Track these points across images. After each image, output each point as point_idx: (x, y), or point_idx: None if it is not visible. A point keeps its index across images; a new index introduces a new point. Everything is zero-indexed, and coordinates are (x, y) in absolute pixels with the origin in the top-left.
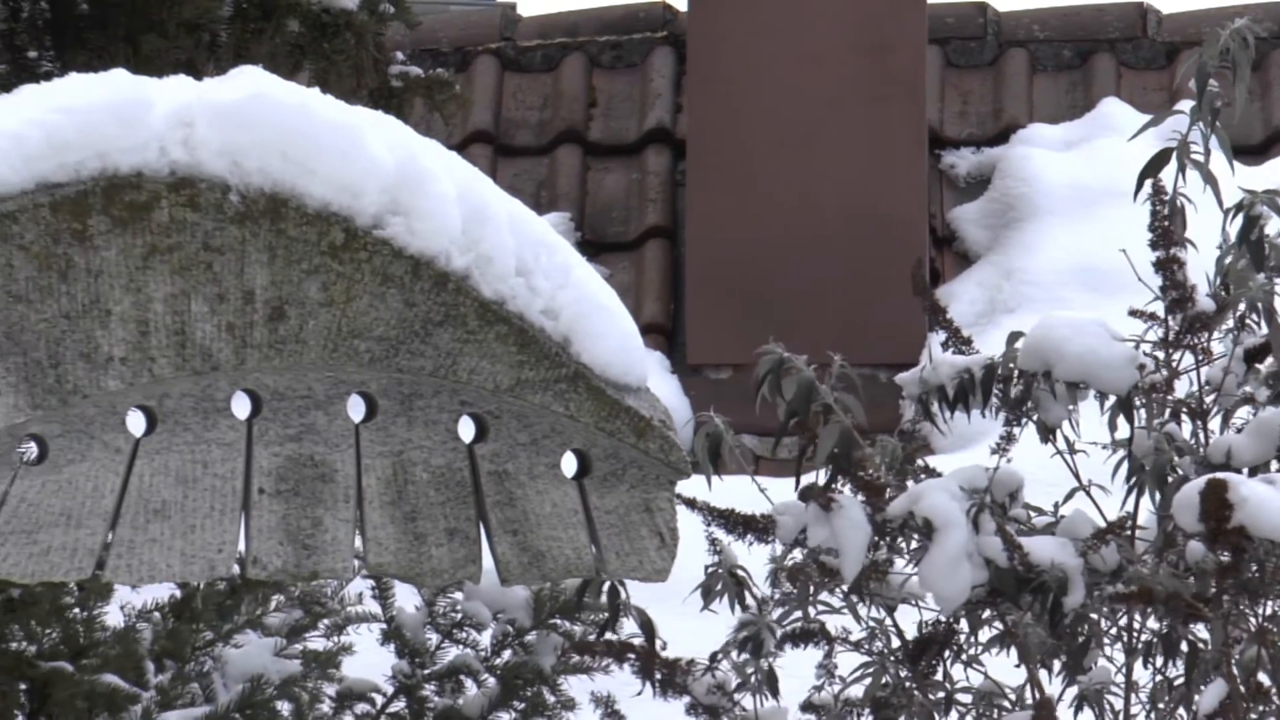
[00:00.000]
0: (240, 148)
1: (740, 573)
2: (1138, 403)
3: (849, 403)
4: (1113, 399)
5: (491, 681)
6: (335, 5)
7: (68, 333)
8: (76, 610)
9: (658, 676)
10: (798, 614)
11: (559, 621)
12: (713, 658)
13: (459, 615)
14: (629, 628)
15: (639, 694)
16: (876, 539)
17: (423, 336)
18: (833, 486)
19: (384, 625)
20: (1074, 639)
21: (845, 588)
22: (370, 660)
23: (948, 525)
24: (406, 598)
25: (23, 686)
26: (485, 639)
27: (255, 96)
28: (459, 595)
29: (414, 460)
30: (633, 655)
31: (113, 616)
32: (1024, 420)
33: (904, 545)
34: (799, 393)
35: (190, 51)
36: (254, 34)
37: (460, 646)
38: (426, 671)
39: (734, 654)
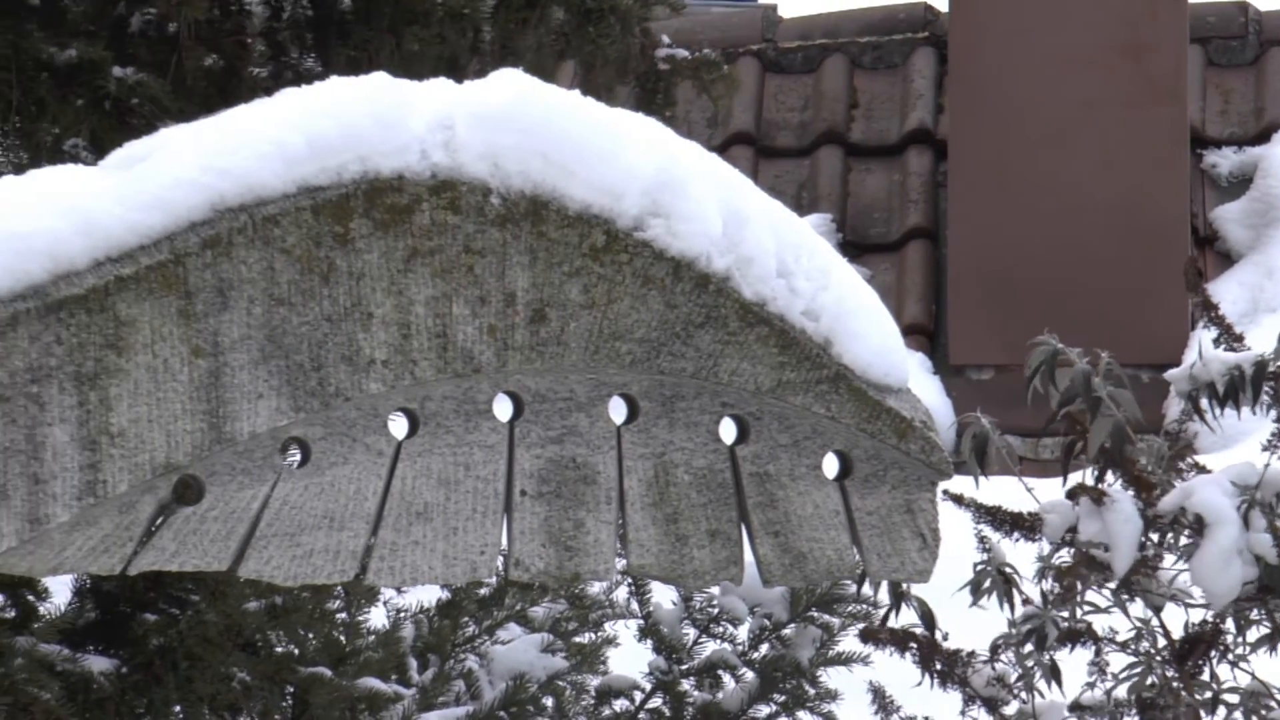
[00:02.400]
0: (501, 150)
1: (1009, 570)
2: None
3: (1122, 397)
4: None
5: (749, 675)
6: None
7: (329, 336)
8: (341, 614)
9: (937, 667)
10: (1065, 613)
11: (816, 614)
12: (994, 649)
13: (716, 610)
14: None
15: (918, 684)
16: (1146, 535)
17: (684, 338)
18: (1102, 482)
19: (641, 621)
20: None
21: (1115, 585)
22: (628, 656)
23: (1220, 521)
24: (663, 594)
25: (289, 690)
26: (742, 633)
27: (516, 99)
28: (715, 590)
29: (675, 462)
30: (915, 644)
31: (375, 618)
32: None
33: (1174, 541)
34: (1073, 383)
35: (454, 46)
36: (519, 24)
37: (717, 641)
38: (684, 667)
39: (1015, 647)
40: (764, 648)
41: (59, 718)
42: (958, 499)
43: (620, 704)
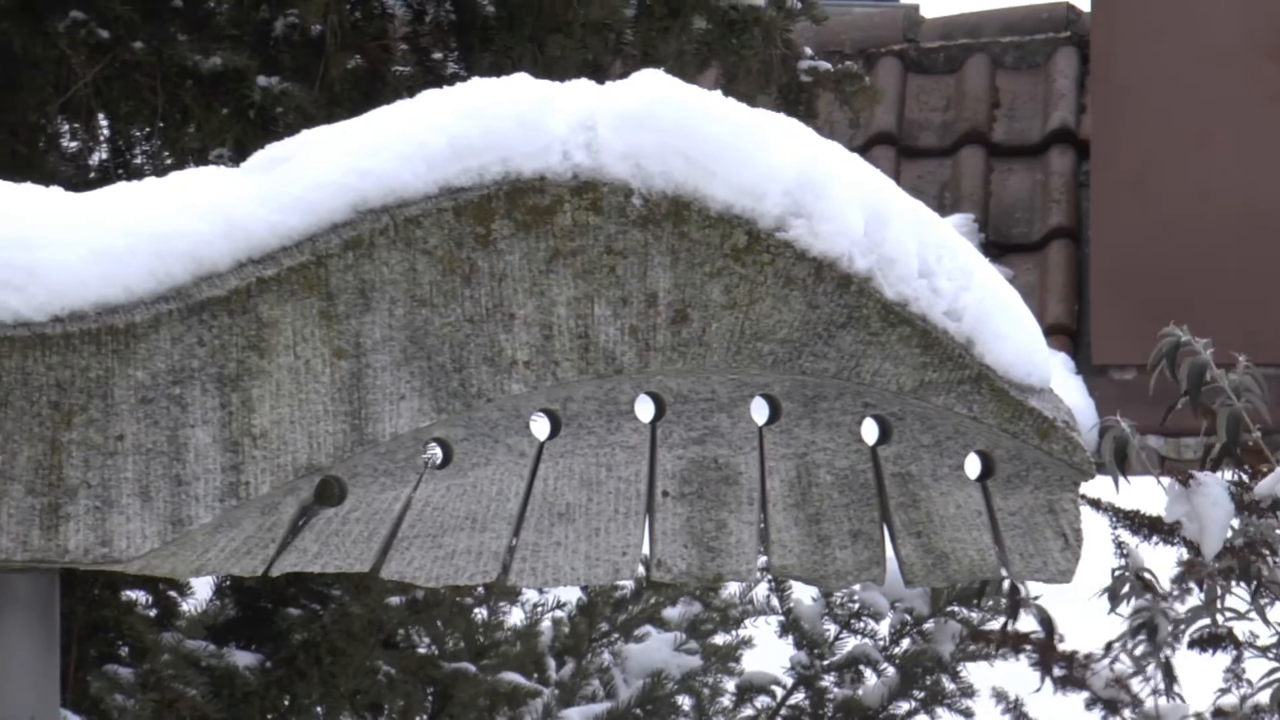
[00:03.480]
0: (643, 151)
1: (1148, 575)
2: None
3: (1246, 384)
4: None
5: (890, 670)
6: (743, 2)
7: (471, 337)
8: (479, 611)
9: (1055, 671)
10: (1205, 620)
11: (957, 609)
12: (1108, 646)
13: (856, 605)
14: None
15: (1038, 690)
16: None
17: (825, 339)
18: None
19: (782, 618)
20: None
21: (1251, 586)
22: (769, 653)
23: None
24: (804, 590)
25: (429, 689)
26: (883, 628)
27: (657, 99)
28: (856, 585)
29: (817, 462)
30: (1029, 646)
31: (513, 615)
32: None
33: None
34: (1191, 375)
35: (596, 52)
36: (660, 33)
37: (858, 636)
38: (825, 662)
39: (1130, 644)
40: (905, 643)
41: (205, 714)
42: (1095, 503)
43: (762, 700)
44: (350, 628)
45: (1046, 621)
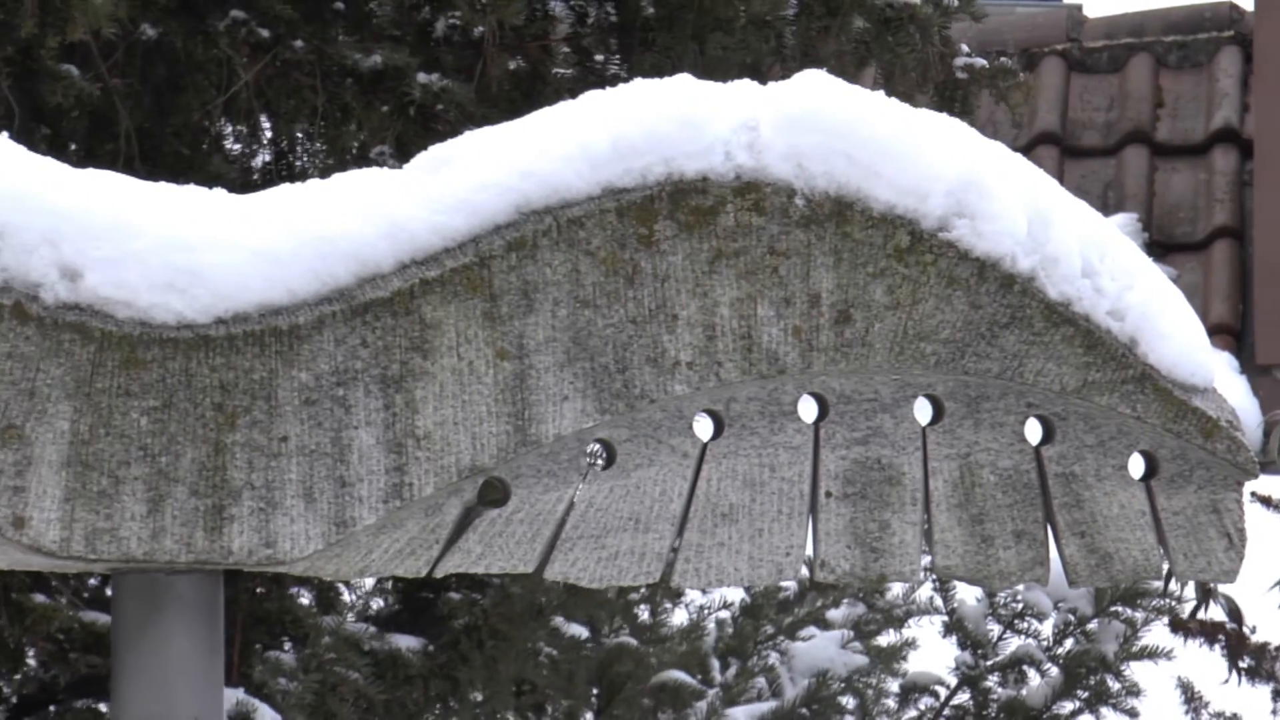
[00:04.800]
0: (805, 151)
1: None
2: None
3: None
4: None
5: (1054, 670)
6: (900, 0)
7: (634, 338)
8: (642, 606)
9: (1243, 663)
10: None
11: (1120, 608)
12: None
13: (1020, 605)
14: None
15: (1225, 682)
16: None
17: (988, 339)
18: None
19: (945, 618)
20: None
21: None
22: (933, 653)
23: None
24: (967, 590)
25: (593, 688)
26: (1047, 628)
27: (820, 99)
28: (1019, 585)
29: (981, 463)
30: (1224, 636)
31: (677, 614)
32: None
33: None
34: None
35: (756, 53)
36: (820, 32)
37: (1022, 636)
38: (989, 662)
39: None
40: (1068, 643)
41: (367, 696)
42: (1265, 500)
43: (925, 701)
44: (510, 611)
45: (1236, 613)
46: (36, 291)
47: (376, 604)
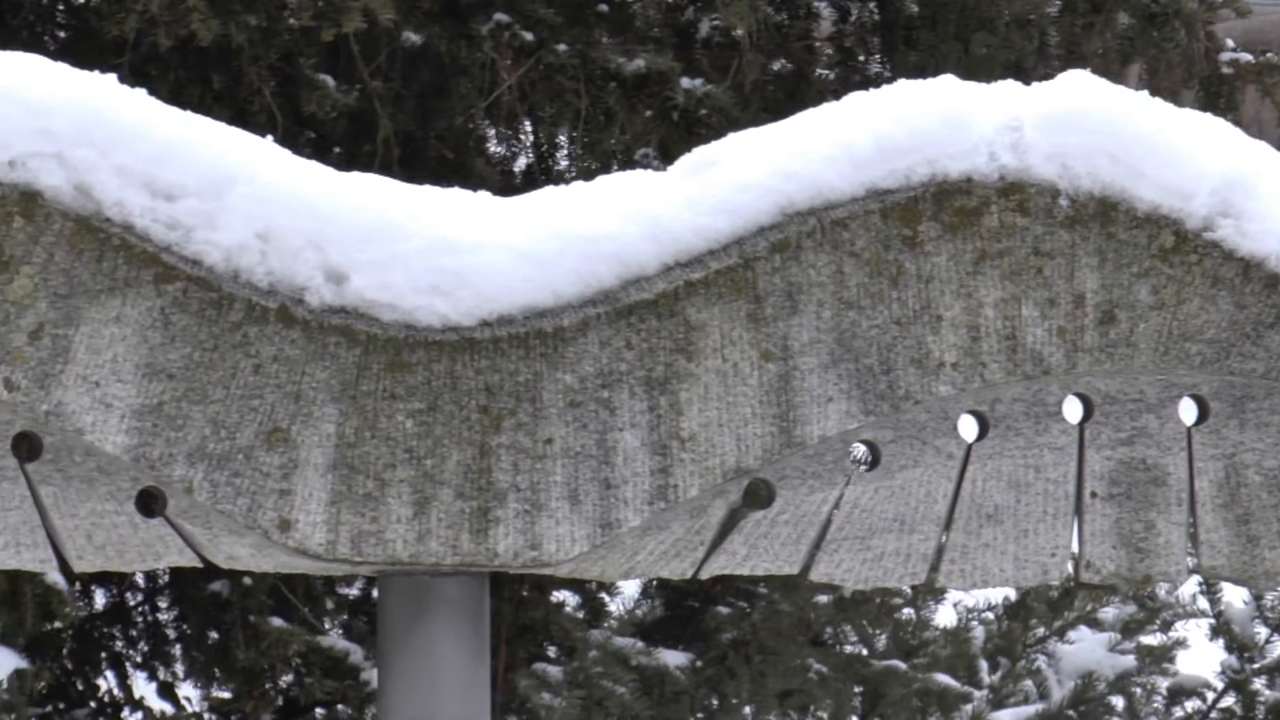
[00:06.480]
0: (1069, 151)
1: None
2: None
3: None
4: None
5: None
6: None
7: (899, 339)
8: (907, 610)
9: None
10: None
11: None
12: None
13: None
14: None
15: None
16: None
17: (1254, 338)
18: None
19: (1212, 621)
20: None
21: None
22: (1200, 655)
23: None
24: (1234, 593)
25: (858, 690)
26: None
27: (1084, 99)
28: None
29: (1246, 463)
30: None
31: (942, 616)
32: None
33: None
34: None
35: (1019, 51)
36: (1084, 29)
37: None
38: (1255, 665)
39: None
40: None
41: (634, 712)
42: None
43: (1191, 704)
44: (779, 626)
45: None
46: (302, 295)
47: (643, 607)
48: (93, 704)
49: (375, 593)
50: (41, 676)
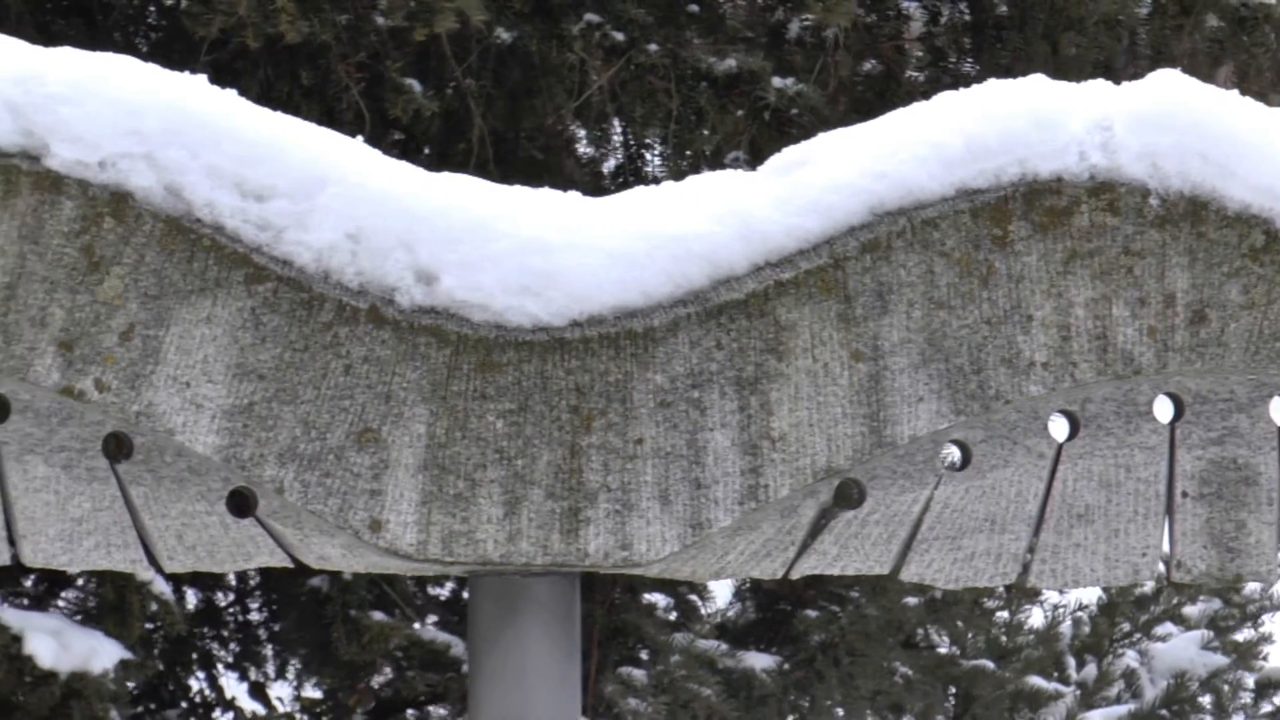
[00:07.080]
0: (1159, 150)
1: None
2: None
3: None
4: None
5: None
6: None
7: (989, 339)
8: (1000, 613)
9: None
10: None
11: None
12: None
13: None
14: None
15: None
16: None
17: None
18: None
19: None
20: None
21: None
22: None
23: None
24: None
25: (950, 690)
26: None
27: (1174, 99)
28: None
29: None
30: None
31: (1033, 617)
32: None
33: None
34: None
35: (1108, 51)
36: (1172, 31)
37: None
38: None
39: None
40: None
41: (721, 715)
42: None
43: (1279, 698)
44: (868, 629)
45: None
46: (392, 295)
47: (735, 610)
48: (184, 704)
49: (466, 593)
50: (146, 668)
